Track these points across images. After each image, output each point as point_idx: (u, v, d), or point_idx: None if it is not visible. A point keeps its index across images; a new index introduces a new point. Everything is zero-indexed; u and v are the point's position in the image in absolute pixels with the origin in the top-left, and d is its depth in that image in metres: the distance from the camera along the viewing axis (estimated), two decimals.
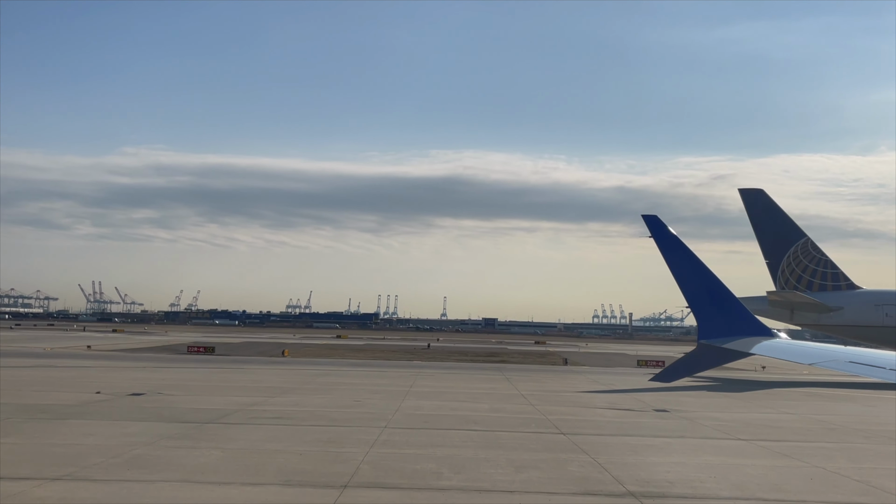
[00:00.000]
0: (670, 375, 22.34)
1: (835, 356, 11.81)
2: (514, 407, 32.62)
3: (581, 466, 18.95)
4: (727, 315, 13.29)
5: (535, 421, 27.87)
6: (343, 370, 53.13)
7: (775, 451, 22.50)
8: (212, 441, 21.17)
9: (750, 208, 62.94)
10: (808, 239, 62.39)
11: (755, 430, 27.64)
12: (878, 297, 60.94)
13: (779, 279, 62.41)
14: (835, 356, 11.81)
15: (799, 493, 16.84)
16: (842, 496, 16.69)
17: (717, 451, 22.44)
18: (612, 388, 44.67)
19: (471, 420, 27.50)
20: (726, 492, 16.63)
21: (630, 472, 18.41)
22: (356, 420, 26.51)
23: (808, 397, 43.18)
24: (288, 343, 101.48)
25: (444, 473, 17.54)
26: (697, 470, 19.03)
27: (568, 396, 38.59)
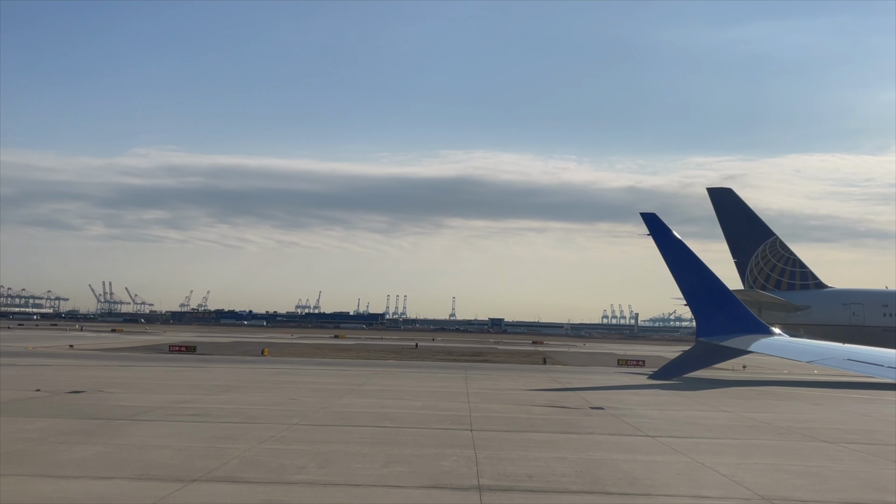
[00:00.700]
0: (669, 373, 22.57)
1: (833, 354, 11.77)
2: (448, 404, 32.78)
3: (455, 461, 19.11)
4: (726, 313, 13.28)
5: (455, 418, 28.02)
6: (308, 369, 53.43)
7: (670, 448, 22.59)
8: (105, 437, 21.46)
9: (718, 207, 62.90)
10: (776, 238, 62.29)
11: (673, 427, 27.71)
12: (846, 297, 60.85)
13: (747, 278, 62.32)
14: (833, 354, 11.77)
15: (653, 486, 16.96)
16: (692, 489, 16.79)
17: (610, 447, 22.51)
18: (567, 387, 44.75)
19: (388, 417, 27.70)
20: (577, 486, 16.77)
21: (499, 466, 18.56)
22: (272, 417, 26.73)
23: (760, 396, 43.17)
24: (280, 343, 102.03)
25: (307, 468, 17.74)
26: (569, 465, 19.14)
27: (513, 394, 38.69)
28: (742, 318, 13.44)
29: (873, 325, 59.39)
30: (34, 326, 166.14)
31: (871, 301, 60.11)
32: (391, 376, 48.50)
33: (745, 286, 62.31)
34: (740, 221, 62.40)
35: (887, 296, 61.90)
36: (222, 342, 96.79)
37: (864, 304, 59.73)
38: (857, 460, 21.54)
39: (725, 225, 63.23)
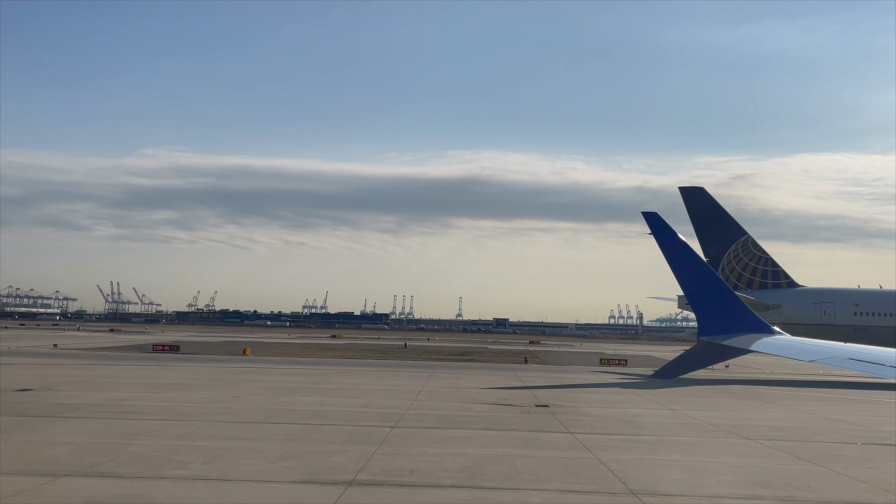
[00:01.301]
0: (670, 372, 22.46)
1: (834, 353, 11.73)
2: (391, 402, 32.87)
3: (349, 457, 19.17)
4: (727, 312, 13.23)
5: (386, 415, 28.08)
6: (277, 368, 53.60)
7: (580, 444, 22.58)
8: (14, 434, 21.54)
9: (690, 206, 62.84)
10: (748, 237, 62.18)
11: (602, 424, 27.78)
12: (817, 295, 60.74)
13: None
14: (834, 353, 11.73)
15: (529, 480, 16.98)
16: (566, 484, 16.80)
17: (520, 443, 22.51)
18: (529, 385, 44.85)
19: (319, 415, 27.81)
20: (452, 481, 16.81)
21: (389, 462, 18.62)
22: (200, 415, 26.86)
23: (720, 395, 43.08)
24: (269, 343, 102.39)
25: (192, 464, 17.82)
26: (463, 460, 19.18)
27: (466, 393, 38.73)
28: (743, 317, 13.33)
29: (844, 324, 59.27)
30: (35, 326, 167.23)
31: (841, 300, 60.01)
32: (355, 375, 48.65)
33: None
34: (712, 221, 62.30)
35: (858, 294, 61.76)
36: (211, 342, 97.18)
37: (835, 303, 59.61)
38: (763, 457, 21.50)
39: (697, 224, 63.15)
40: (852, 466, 20.43)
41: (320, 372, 50.39)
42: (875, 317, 59.22)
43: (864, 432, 28.26)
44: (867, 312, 59.42)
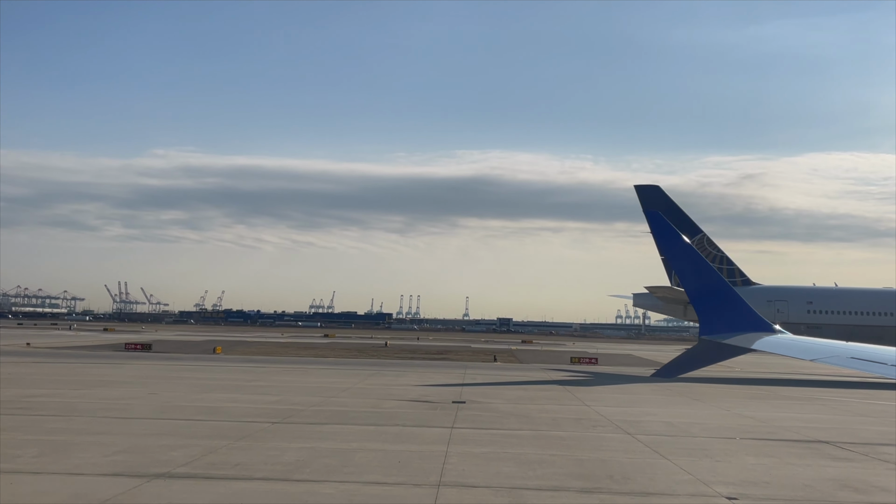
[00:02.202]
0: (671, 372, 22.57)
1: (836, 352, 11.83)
2: (303, 399, 33.13)
3: (186, 451, 19.22)
4: (728, 311, 13.30)
5: (281, 412, 28.17)
6: (228, 366, 53.90)
7: (446, 440, 22.74)
8: None
9: (645, 204, 62.77)
10: (703, 235, 62.13)
11: (496, 419, 27.96)
12: (771, 293, 60.65)
13: (674, 275, 62.07)
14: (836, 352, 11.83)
15: (349, 473, 17.15)
16: (381, 476, 16.98)
17: (386, 438, 22.65)
18: (469, 382, 45.12)
19: (217, 411, 28.04)
20: (263, 473, 17.03)
21: (218, 456, 18.69)
22: (96, 411, 27.10)
23: (655, 392, 42.96)
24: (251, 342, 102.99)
25: (23, 457, 18.10)
26: (292, 454, 19.39)
27: (394, 390, 38.89)
28: (745, 316, 13.34)
29: (797, 322, 59.09)
30: (33, 325, 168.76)
31: (795, 298, 59.89)
32: (299, 373, 48.94)
33: (673, 283, 62.16)
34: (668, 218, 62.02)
35: (811, 292, 61.61)
36: (192, 340, 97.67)
37: (789, 301, 59.51)
38: (617, 451, 21.65)
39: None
40: (700, 459, 20.57)
41: (267, 370, 50.71)
42: (828, 314, 59.11)
43: (764, 430, 28.21)
44: (820, 310, 59.29)
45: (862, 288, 59.58)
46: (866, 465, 21.09)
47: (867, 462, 21.47)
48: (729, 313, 12.48)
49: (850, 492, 17.28)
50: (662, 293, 60.52)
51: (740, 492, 16.79)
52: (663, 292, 60.43)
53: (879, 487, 17.91)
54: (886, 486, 18.17)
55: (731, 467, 19.78)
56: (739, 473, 18.96)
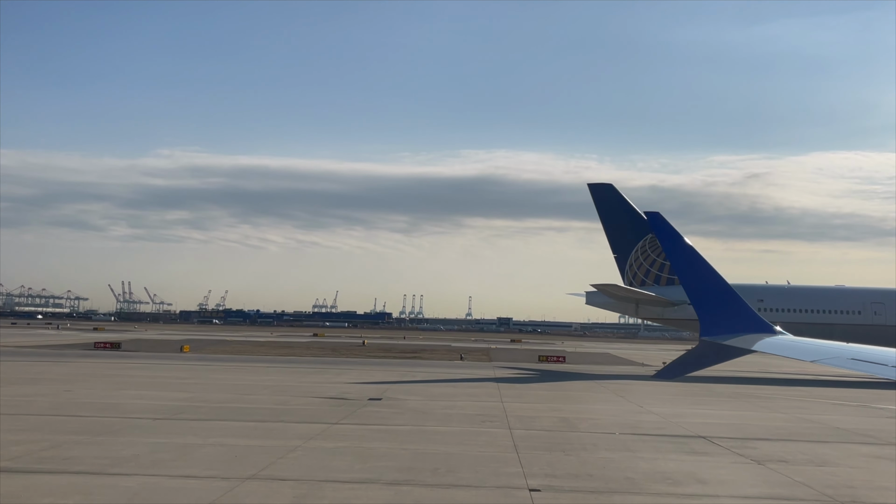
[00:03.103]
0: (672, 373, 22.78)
1: (837, 353, 11.95)
2: (220, 396, 33.54)
3: (29, 446, 19.50)
4: (729, 312, 13.41)
5: (177, 408, 28.43)
6: (179, 364, 54.18)
7: (313, 435, 23.04)
8: None
9: (598, 203, 62.90)
10: None
11: (396, 415, 28.26)
12: None
13: (626, 274, 62.21)
14: (837, 353, 11.95)
15: (185, 466, 17.45)
16: (222, 471, 17.22)
17: (255, 433, 22.99)
18: (407, 380, 45.48)
19: (113, 407, 28.39)
20: (86, 467, 17.33)
21: (59, 451, 19.01)
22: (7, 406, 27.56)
23: (590, 390, 43.36)
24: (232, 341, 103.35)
25: None
26: (139, 447, 19.71)
27: (322, 387, 39.07)
28: (745, 317, 13.44)
29: None
30: (26, 325, 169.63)
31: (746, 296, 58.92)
32: (243, 371, 49.17)
33: (625, 282, 62.21)
34: (620, 217, 62.27)
35: (763, 290, 61.56)
36: (169, 339, 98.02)
37: None
38: (483, 445, 21.91)
39: (606, 221, 63.12)
40: (550, 453, 20.83)
41: (212, 368, 51.05)
42: (779, 313, 59.02)
43: (657, 426, 28.35)
44: (772, 308, 59.20)
45: (813, 286, 59.64)
46: (717, 459, 21.28)
47: (721, 456, 21.64)
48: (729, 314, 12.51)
49: (667, 484, 17.48)
50: (610, 290, 60.55)
51: (549, 483, 17.00)
52: (610, 290, 60.48)
53: (698, 479, 18.10)
54: (710, 478, 18.37)
55: (571, 461, 19.99)
56: (572, 466, 19.18)
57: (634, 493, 16.46)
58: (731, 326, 13.25)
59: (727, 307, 13.44)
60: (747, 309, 13.54)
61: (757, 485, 17.85)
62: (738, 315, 13.37)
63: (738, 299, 13.62)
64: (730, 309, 13.43)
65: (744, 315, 13.40)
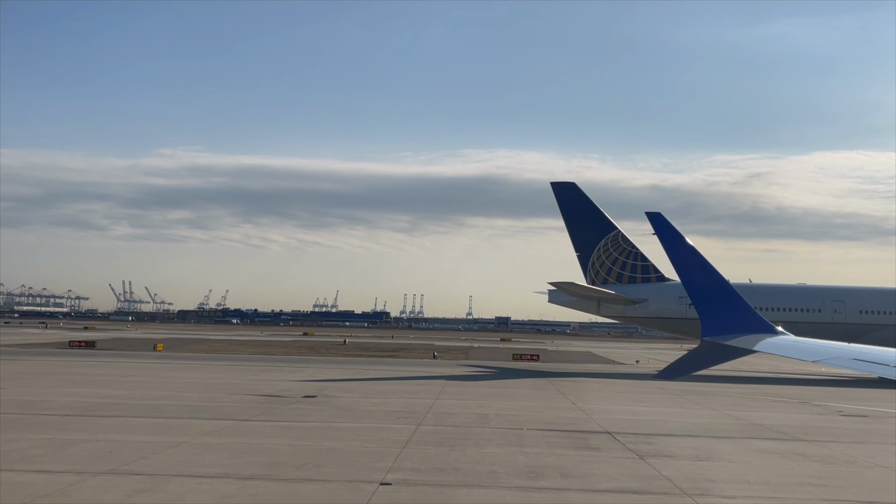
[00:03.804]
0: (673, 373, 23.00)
1: (839, 353, 12.09)
2: (151, 394, 33.75)
3: None
4: (731, 312, 13.54)
5: (101, 405, 28.79)
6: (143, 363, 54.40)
7: (210, 433, 23.25)
8: None
9: (561, 201, 63.00)
10: (618, 232, 62.19)
11: (314, 413, 28.45)
12: (681, 289, 60.17)
13: (589, 272, 62.30)
14: (839, 353, 12.09)
15: (68, 462, 17.68)
16: (95, 466, 17.45)
17: (144, 430, 23.23)
18: (356, 378, 45.62)
19: (36, 405, 28.54)
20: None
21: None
22: None
23: (521, 387, 43.52)
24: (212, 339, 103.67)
25: None
26: (29, 443, 19.97)
27: (264, 385, 39.22)
28: (747, 317, 13.53)
29: None
30: (19, 325, 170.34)
31: None
32: (201, 369, 49.36)
33: (588, 280, 62.30)
34: (583, 215, 62.38)
35: None
36: (148, 338, 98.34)
37: None
38: (367, 441, 22.09)
39: (568, 219, 63.23)
40: (436, 448, 21.05)
41: (169, 366, 51.32)
42: None
43: (569, 422, 28.50)
44: None
45: (775, 284, 59.60)
46: (604, 454, 21.48)
47: (610, 452, 21.84)
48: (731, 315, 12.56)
49: (527, 478, 17.67)
50: (567, 288, 60.64)
51: (405, 478, 17.18)
52: (568, 287, 60.58)
53: (563, 474, 18.26)
54: (577, 472, 18.57)
55: (450, 455, 20.22)
56: (445, 461, 19.37)
57: (484, 487, 16.63)
58: (732, 327, 13.32)
59: (729, 307, 13.50)
60: (749, 309, 13.64)
61: (617, 479, 18.00)
62: (740, 315, 13.44)
63: (739, 300, 13.71)
64: (731, 309, 13.49)
65: (745, 315, 13.48)
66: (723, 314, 12.79)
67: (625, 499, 16.14)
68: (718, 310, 12.87)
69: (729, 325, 12.64)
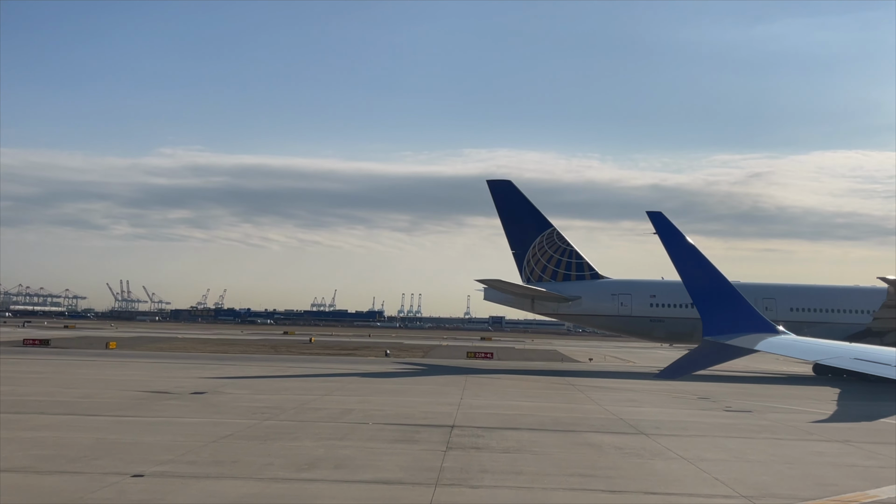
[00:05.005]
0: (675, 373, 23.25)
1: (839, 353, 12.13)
2: (43, 390, 34.00)
3: None
4: (731, 312, 13.54)
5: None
6: (73, 360, 54.68)
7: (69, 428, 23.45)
8: None
9: (497, 199, 63.13)
10: (553, 229, 62.25)
11: (190, 409, 28.75)
12: (614, 287, 60.85)
13: (524, 270, 62.38)
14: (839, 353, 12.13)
15: None
16: None
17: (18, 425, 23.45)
18: (274, 375, 45.85)
19: None
20: None
21: None
22: None
23: (438, 385, 43.60)
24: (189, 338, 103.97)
25: None
26: None
27: (164, 382, 39.19)
28: (748, 317, 13.52)
29: (641, 315, 59.40)
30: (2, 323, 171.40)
31: (638, 291, 60.04)
32: (120, 367, 49.47)
33: (523, 278, 62.41)
34: (519, 213, 62.47)
35: (655, 286, 61.68)
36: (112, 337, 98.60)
37: (633, 295, 59.59)
38: (193, 434, 22.25)
39: (504, 217, 63.35)
40: (269, 442, 21.41)
41: (92, 363, 51.66)
42: (671, 308, 59.21)
43: (432, 417, 28.60)
44: (663, 304, 59.38)
45: None
46: (414, 445, 21.68)
47: (422, 444, 21.97)
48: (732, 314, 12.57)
49: (300, 470, 17.82)
50: (495, 285, 60.77)
51: (168, 470, 17.36)
52: (495, 284, 60.71)
53: (339, 465, 18.43)
54: (362, 463, 18.72)
55: (251, 448, 20.41)
56: (234, 453, 19.54)
57: (240, 479, 16.74)
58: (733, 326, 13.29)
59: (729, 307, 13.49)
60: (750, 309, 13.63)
61: (392, 470, 18.10)
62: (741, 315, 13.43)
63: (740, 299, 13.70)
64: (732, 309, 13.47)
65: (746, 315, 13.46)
66: (723, 313, 12.79)
67: (381, 490, 16.20)
68: (719, 309, 12.87)
69: (729, 324, 12.64)
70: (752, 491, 16.81)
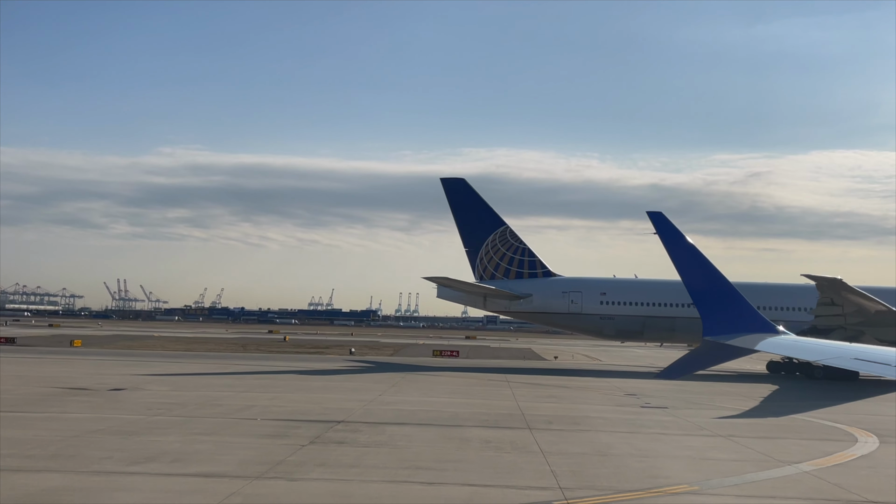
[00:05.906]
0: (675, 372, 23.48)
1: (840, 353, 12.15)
2: None
3: None
4: (731, 312, 13.59)
5: None
6: (19, 358, 54.71)
7: None
8: None
9: (451, 197, 63.06)
10: (506, 227, 62.18)
11: (97, 405, 28.76)
12: (565, 285, 60.70)
13: (477, 268, 62.30)
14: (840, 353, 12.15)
15: None
16: None
17: None
18: (217, 372, 45.98)
19: None
20: None
21: None
22: None
23: (372, 382, 43.63)
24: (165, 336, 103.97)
25: None
26: None
27: (95, 379, 39.22)
28: (748, 317, 13.53)
29: (591, 313, 59.25)
30: None
31: (589, 289, 59.86)
32: (64, 364, 49.61)
33: (476, 276, 62.32)
34: (472, 211, 62.38)
35: (605, 284, 61.60)
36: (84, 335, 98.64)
37: (583, 293, 59.41)
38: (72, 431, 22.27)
39: (458, 215, 63.25)
40: (133, 437, 21.41)
41: (36, 361, 51.66)
42: (620, 305, 59.16)
43: (337, 414, 28.61)
44: (613, 301, 59.31)
45: (657, 279, 59.25)
46: (289, 440, 21.75)
47: (298, 439, 21.97)
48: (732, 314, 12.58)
49: (165, 463, 17.97)
50: (445, 283, 60.71)
51: (26, 465, 17.35)
52: (443, 282, 60.64)
53: (197, 460, 18.48)
54: (222, 458, 18.77)
55: (126, 444, 20.58)
56: (83, 450, 19.53)
57: (59, 472, 16.81)
58: (733, 326, 13.28)
59: (729, 307, 13.48)
60: (750, 308, 13.63)
61: (227, 464, 18.15)
62: (741, 315, 13.42)
63: (740, 299, 13.70)
64: (732, 308, 13.47)
65: (746, 315, 13.46)
66: (723, 313, 12.78)
67: (191, 483, 16.20)
68: (719, 309, 12.85)
69: (730, 324, 12.63)
70: (575, 483, 16.82)
